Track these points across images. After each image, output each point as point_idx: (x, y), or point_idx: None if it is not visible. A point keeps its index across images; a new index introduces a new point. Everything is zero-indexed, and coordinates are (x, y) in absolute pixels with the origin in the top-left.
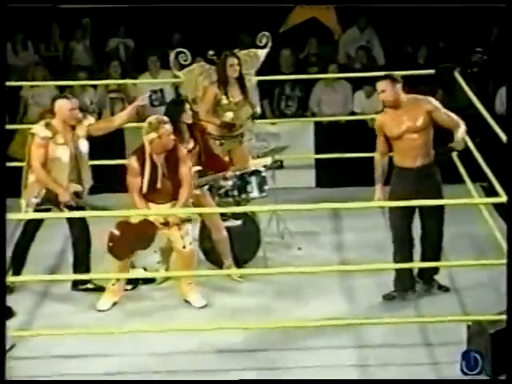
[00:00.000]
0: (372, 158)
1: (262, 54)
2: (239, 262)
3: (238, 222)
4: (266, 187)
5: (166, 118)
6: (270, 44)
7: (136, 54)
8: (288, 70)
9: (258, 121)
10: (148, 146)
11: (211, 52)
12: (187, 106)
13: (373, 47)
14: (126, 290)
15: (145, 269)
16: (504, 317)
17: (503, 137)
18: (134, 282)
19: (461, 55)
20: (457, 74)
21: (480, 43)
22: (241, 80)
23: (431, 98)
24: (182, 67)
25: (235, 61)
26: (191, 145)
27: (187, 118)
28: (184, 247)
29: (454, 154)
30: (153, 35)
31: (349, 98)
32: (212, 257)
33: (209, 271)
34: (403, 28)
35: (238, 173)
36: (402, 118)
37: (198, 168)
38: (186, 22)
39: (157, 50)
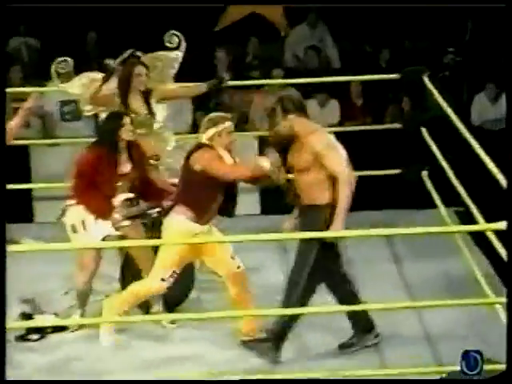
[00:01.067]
0: None
1: (177, 57)
2: (169, 306)
3: None
4: None
5: (228, 115)
6: (183, 44)
7: (42, 55)
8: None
9: (193, 135)
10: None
11: (108, 61)
12: (127, 119)
13: (325, 47)
14: (30, 340)
15: (56, 315)
16: (502, 366)
17: (480, 153)
18: (41, 332)
19: (430, 56)
20: (426, 79)
21: (453, 42)
22: (146, 93)
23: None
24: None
25: (143, 70)
26: (127, 168)
27: (126, 134)
28: (239, 267)
29: (425, 174)
30: (64, 33)
31: None
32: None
33: (135, 317)
34: (361, 24)
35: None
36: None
37: (130, 195)
38: (103, 18)
39: (69, 51)
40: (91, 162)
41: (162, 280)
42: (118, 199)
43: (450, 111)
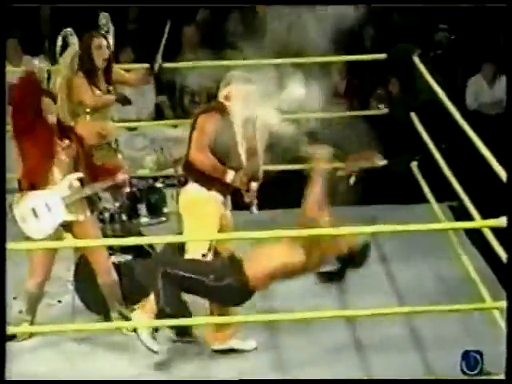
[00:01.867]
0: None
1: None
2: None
3: (128, 257)
4: (165, 209)
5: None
6: (110, 26)
7: None
8: (192, 52)
9: (156, 122)
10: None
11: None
12: (45, 100)
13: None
14: None
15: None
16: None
17: (476, 141)
18: None
19: (421, 34)
20: (416, 59)
21: (445, 18)
22: (108, 68)
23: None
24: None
25: (103, 42)
26: (60, 149)
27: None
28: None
29: (415, 165)
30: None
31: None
32: (95, 305)
33: (95, 324)
34: None
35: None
36: None
37: (79, 175)
38: None
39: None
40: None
41: (203, 256)
42: (69, 178)
43: (442, 95)
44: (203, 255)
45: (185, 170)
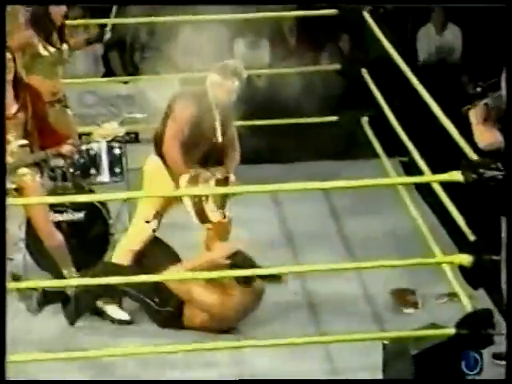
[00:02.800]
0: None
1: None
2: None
3: (80, 215)
4: (117, 169)
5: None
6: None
7: None
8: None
9: (104, 79)
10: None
11: None
12: (7, 55)
13: None
14: None
15: None
16: (448, 330)
17: (428, 99)
18: None
19: None
20: (366, 14)
21: None
22: (62, 26)
23: None
24: None
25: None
26: (14, 109)
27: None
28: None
29: (365, 121)
30: None
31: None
32: (46, 263)
33: (44, 282)
34: None
35: (80, 147)
36: None
37: (24, 142)
38: None
39: None
40: None
41: (147, 222)
42: (12, 145)
43: (392, 51)
44: (147, 221)
45: (154, 145)
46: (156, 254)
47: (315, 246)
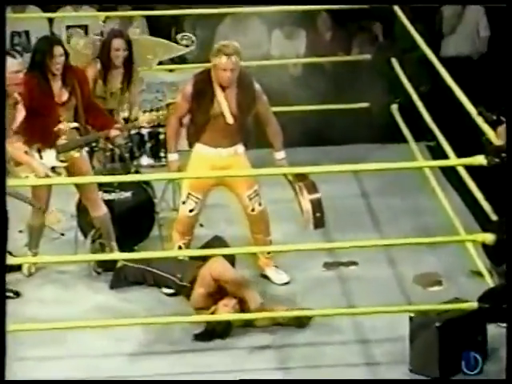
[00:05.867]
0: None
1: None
2: (128, 244)
3: (127, 194)
4: (162, 153)
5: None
6: (193, 46)
7: None
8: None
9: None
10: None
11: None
12: (58, 48)
13: None
14: None
15: (10, 253)
16: (470, 304)
17: (454, 87)
18: None
19: None
20: (396, 7)
21: None
22: (128, 67)
23: None
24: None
25: (122, 45)
26: (65, 97)
27: (56, 61)
28: (253, 210)
29: (395, 108)
30: None
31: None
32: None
33: (96, 255)
34: None
35: (129, 132)
36: None
37: (75, 125)
38: None
39: None
40: (26, 88)
41: (183, 203)
42: (63, 128)
43: (421, 42)
44: (183, 202)
45: None
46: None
47: (346, 224)
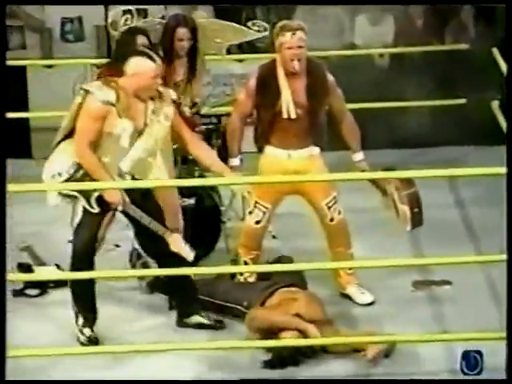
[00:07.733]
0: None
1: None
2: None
3: (190, 201)
4: None
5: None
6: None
7: None
8: None
9: (219, 56)
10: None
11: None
12: (142, 39)
13: None
14: (28, 295)
15: (58, 266)
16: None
17: None
18: (42, 286)
19: None
20: None
21: None
22: (192, 57)
23: None
24: None
25: (186, 34)
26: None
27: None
28: (332, 220)
29: (495, 105)
30: None
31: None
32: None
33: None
34: None
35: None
36: None
37: None
38: None
39: None
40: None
41: (249, 213)
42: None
43: None
44: (249, 212)
45: None
46: (282, 273)
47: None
